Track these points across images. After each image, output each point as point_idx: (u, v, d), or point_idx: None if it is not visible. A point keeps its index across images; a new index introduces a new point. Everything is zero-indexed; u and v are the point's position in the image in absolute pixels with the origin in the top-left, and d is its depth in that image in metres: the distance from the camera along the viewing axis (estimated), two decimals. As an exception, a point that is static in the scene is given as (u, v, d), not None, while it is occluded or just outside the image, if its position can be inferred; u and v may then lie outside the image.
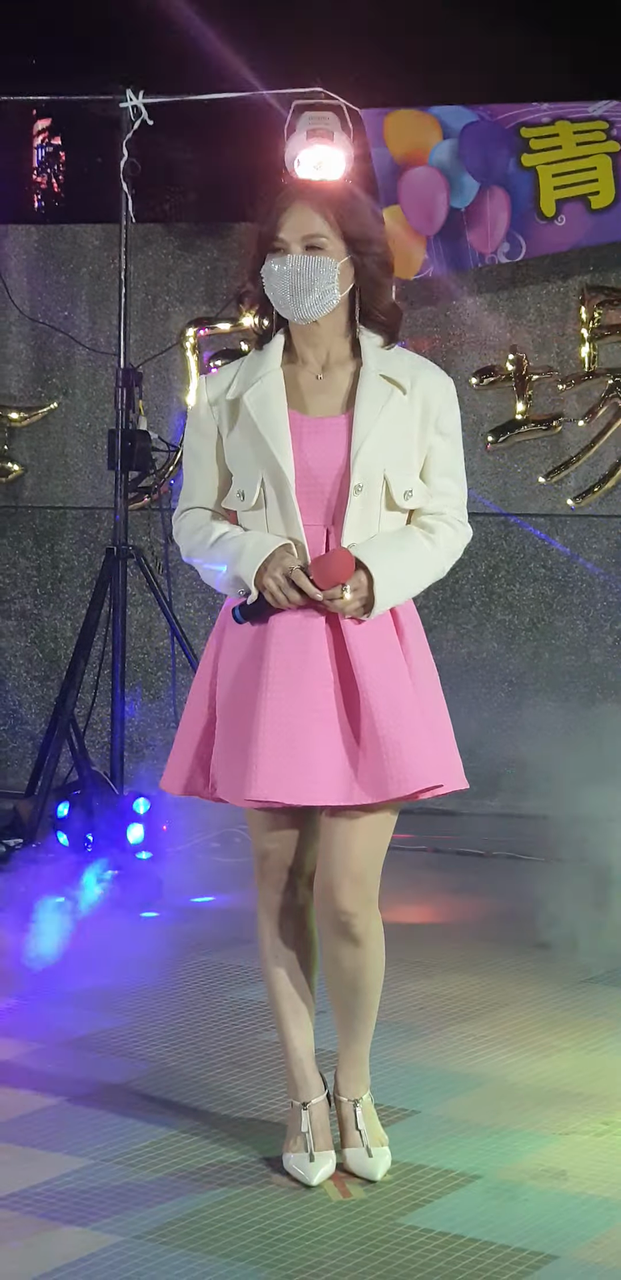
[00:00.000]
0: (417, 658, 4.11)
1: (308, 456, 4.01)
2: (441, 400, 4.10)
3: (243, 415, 4.06)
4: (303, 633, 4.00)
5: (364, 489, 4.00)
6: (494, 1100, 4.73)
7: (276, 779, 3.95)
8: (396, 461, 4.04)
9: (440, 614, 8.44)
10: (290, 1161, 4.20)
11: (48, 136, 14.46)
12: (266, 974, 4.24)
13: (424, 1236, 3.90)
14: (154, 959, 6.02)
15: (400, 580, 4.03)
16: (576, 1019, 5.40)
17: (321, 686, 3.99)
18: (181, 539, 4.19)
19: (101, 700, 7.72)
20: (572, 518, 8.45)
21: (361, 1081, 4.27)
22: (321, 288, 4.00)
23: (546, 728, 8.43)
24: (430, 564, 4.10)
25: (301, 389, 4.08)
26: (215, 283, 8.65)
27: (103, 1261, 3.77)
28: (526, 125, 7.85)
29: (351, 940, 4.10)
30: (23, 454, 8.85)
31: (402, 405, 4.04)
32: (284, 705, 3.96)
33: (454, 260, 7.95)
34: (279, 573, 3.97)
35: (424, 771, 4.00)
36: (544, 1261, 3.79)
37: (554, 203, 7.86)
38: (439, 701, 4.14)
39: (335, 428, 4.03)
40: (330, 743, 3.98)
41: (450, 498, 4.14)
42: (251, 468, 4.04)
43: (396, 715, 3.98)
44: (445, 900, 6.84)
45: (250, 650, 4.04)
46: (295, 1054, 4.22)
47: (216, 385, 4.13)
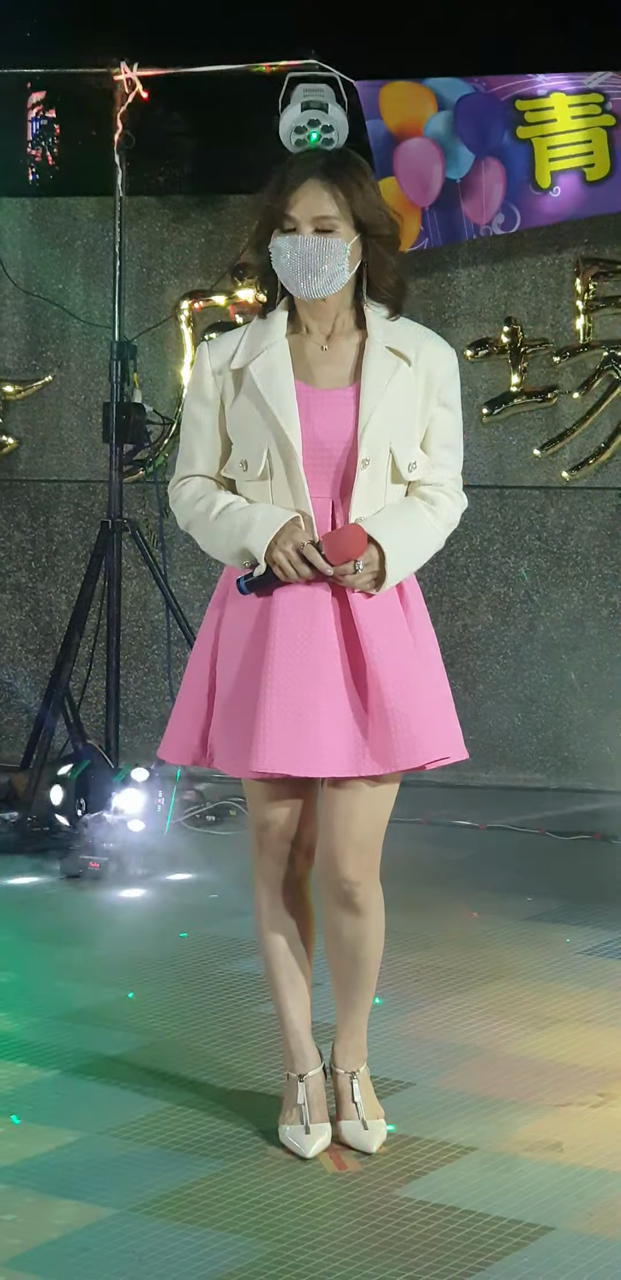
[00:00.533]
0: (421, 629, 4.13)
1: (315, 428, 4.02)
2: (444, 371, 4.12)
3: (248, 385, 4.05)
4: (309, 605, 4.01)
5: (371, 463, 4.01)
6: (489, 1072, 4.73)
7: (283, 751, 3.96)
8: (402, 434, 4.05)
9: (435, 586, 8.43)
10: (286, 1134, 4.21)
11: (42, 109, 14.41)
12: (263, 945, 4.24)
13: (419, 1208, 3.91)
14: (149, 932, 6.03)
15: (409, 554, 4.06)
16: (572, 991, 5.41)
17: (327, 658, 4.00)
18: (179, 507, 4.18)
19: (96, 673, 7.71)
20: (568, 490, 8.44)
21: (358, 1054, 4.28)
22: (331, 269, 4.00)
23: (541, 700, 8.44)
24: (433, 536, 4.14)
25: (307, 359, 4.08)
26: (210, 255, 8.63)
27: (99, 1233, 3.78)
28: (521, 98, 7.83)
29: (353, 910, 4.11)
30: (17, 427, 8.84)
31: (408, 377, 4.06)
32: (290, 677, 3.97)
33: (449, 232, 7.94)
34: (290, 547, 3.98)
35: (431, 743, 4.04)
36: (540, 1233, 3.79)
37: (549, 174, 7.85)
38: (440, 672, 4.17)
39: (342, 399, 4.04)
40: (336, 714, 3.99)
41: (448, 469, 4.16)
42: (257, 438, 4.03)
43: (404, 687, 4.00)
44: (440, 872, 6.84)
45: (255, 622, 4.04)
46: (291, 1025, 4.23)
47: (220, 354, 4.12)
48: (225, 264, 8.50)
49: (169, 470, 8.28)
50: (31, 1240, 3.74)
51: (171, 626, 7.75)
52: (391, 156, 7.89)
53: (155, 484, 8.17)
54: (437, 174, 7.88)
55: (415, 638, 4.10)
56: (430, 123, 7.88)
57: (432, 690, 4.10)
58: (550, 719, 8.48)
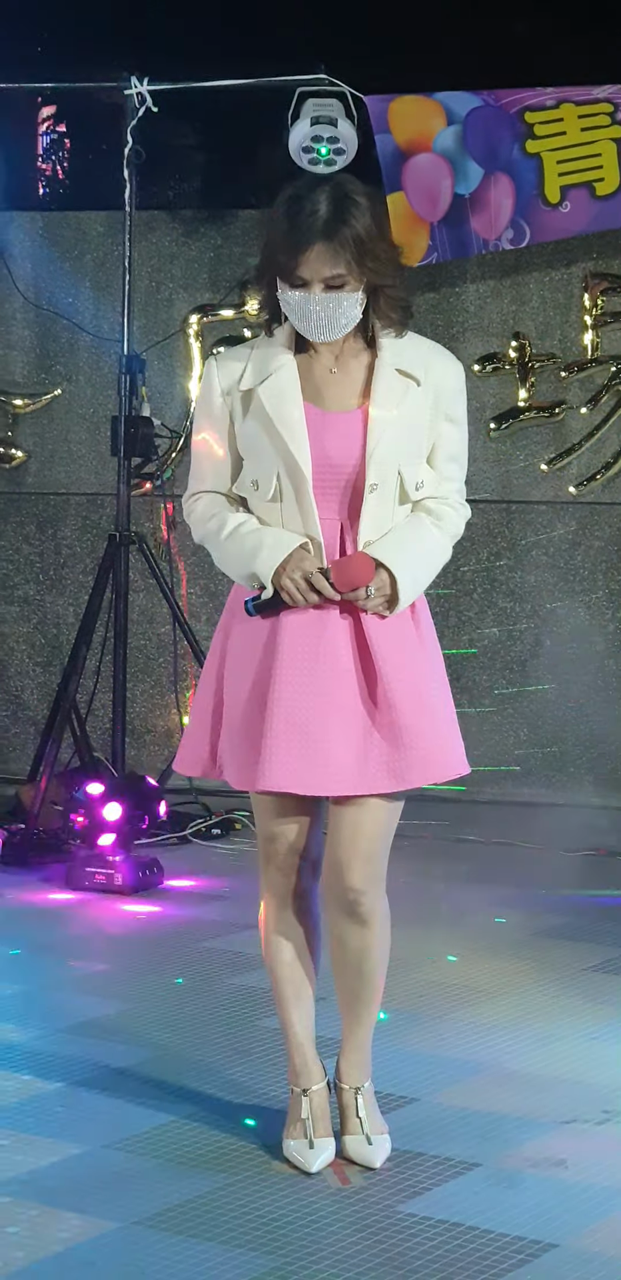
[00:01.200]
0: (430, 646, 4.16)
1: (324, 451, 4.03)
2: (452, 387, 4.14)
3: (256, 407, 4.06)
4: (317, 623, 4.03)
5: (379, 487, 4.03)
6: (493, 1088, 4.73)
7: (290, 769, 3.98)
8: (410, 456, 4.07)
9: (442, 601, 8.43)
10: (290, 1148, 4.21)
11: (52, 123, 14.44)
12: (268, 958, 4.25)
13: (423, 1224, 3.91)
14: (154, 944, 6.03)
15: (419, 575, 4.08)
16: (577, 1007, 5.41)
17: (335, 676, 4.02)
18: (193, 522, 4.21)
19: (103, 686, 7.72)
20: (575, 505, 8.44)
21: (363, 1069, 4.28)
22: (345, 320, 4.01)
23: (547, 715, 8.44)
24: (441, 552, 4.17)
25: (316, 381, 4.08)
26: (219, 269, 8.65)
27: (102, 1247, 3.78)
28: (531, 110, 7.84)
29: (358, 920, 4.13)
30: (26, 440, 8.85)
31: (417, 397, 4.07)
32: (297, 695, 3.99)
33: (458, 247, 7.95)
34: (298, 575, 4.00)
35: (444, 759, 4.08)
36: (543, 1250, 3.79)
37: (558, 189, 7.85)
38: (447, 687, 4.19)
39: (350, 422, 4.05)
40: (345, 732, 4.01)
41: (453, 482, 4.19)
42: (267, 460, 4.05)
43: (418, 704, 4.03)
44: (445, 888, 6.84)
45: (264, 638, 4.06)
46: (296, 1039, 4.23)
47: (228, 374, 4.11)
48: (234, 278, 8.51)
49: (177, 484, 8.32)
50: (35, 1254, 3.74)
51: (178, 640, 7.75)
52: (400, 171, 7.90)
53: (163, 498, 8.18)
54: (446, 189, 7.88)
55: (426, 653, 4.12)
56: (439, 138, 7.88)
57: (443, 707, 4.12)
58: (556, 734, 8.48)
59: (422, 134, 7.92)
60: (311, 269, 3.97)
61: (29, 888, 6.73)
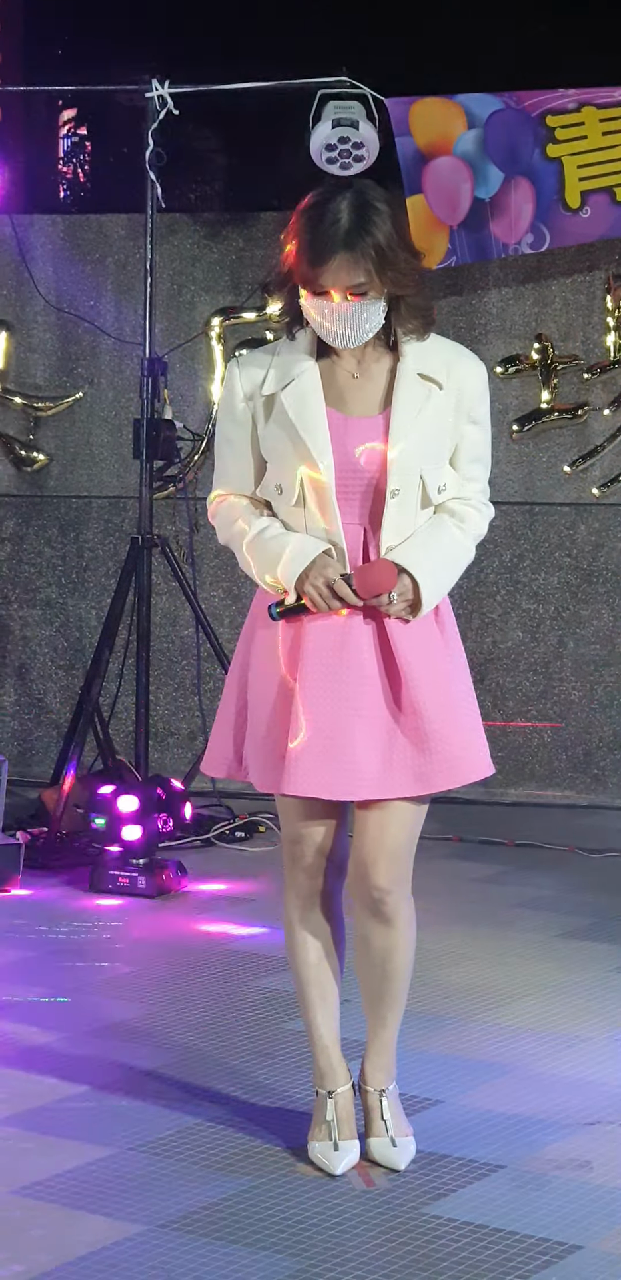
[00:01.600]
0: (455, 648, 4.16)
1: (347, 456, 4.02)
2: (475, 388, 4.12)
3: (278, 411, 4.05)
4: (342, 627, 4.03)
5: (400, 492, 4.02)
6: (518, 1090, 4.73)
7: (316, 774, 3.98)
8: (432, 460, 4.06)
9: (465, 603, 8.43)
10: (315, 1150, 4.21)
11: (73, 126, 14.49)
12: (293, 960, 4.25)
13: (448, 1226, 3.90)
14: (178, 947, 6.04)
15: (442, 578, 4.08)
16: (601, 1008, 5.40)
17: (360, 680, 4.01)
18: (217, 524, 4.21)
19: (126, 689, 7.73)
20: (598, 506, 8.43)
21: (388, 1072, 4.28)
22: (368, 327, 4.00)
23: (571, 716, 8.43)
24: (464, 554, 4.15)
25: (339, 385, 4.07)
26: (240, 272, 8.65)
27: (127, 1250, 3.78)
28: (552, 113, 7.83)
29: (383, 920, 4.13)
30: (48, 443, 8.87)
31: (439, 401, 4.06)
32: (323, 699, 3.99)
33: (477, 250, 7.94)
34: (321, 581, 3.99)
35: (471, 764, 4.08)
36: (568, 1251, 3.79)
37: (579, 194, 7.84)
38: (471, 688, 4.19)
39: (373, 427, 4.04)
40: (370, 736, 4.00)
41: (477, 483, 4.19)
42: (290, 464, 4.04)
43: (444, 708, 4.03)
44: (470, 889, 6.83)
45: (288, 643, 4.06)
46: (321, 1041, 4.23)
47: (250, 378, 4.10)
48: (256, 280, 8.51)
49: (199, 487, 8.32)
50: (59, 1256, 3.75)
51: (201, 642, 7.76)
52: (420, 174, 7.89)
53: (185, 500, 8.19)
54: (466, 193, 7.87)
55: (451, 655, 4.12)
56: (460, 141, 7.88)
57: (468, 709, 4.13)
58: (580, 735, 8.46)
59: (443, 137, 7.91)
60: (333, 278, 3.95)
61: (52, 891, 6.73)
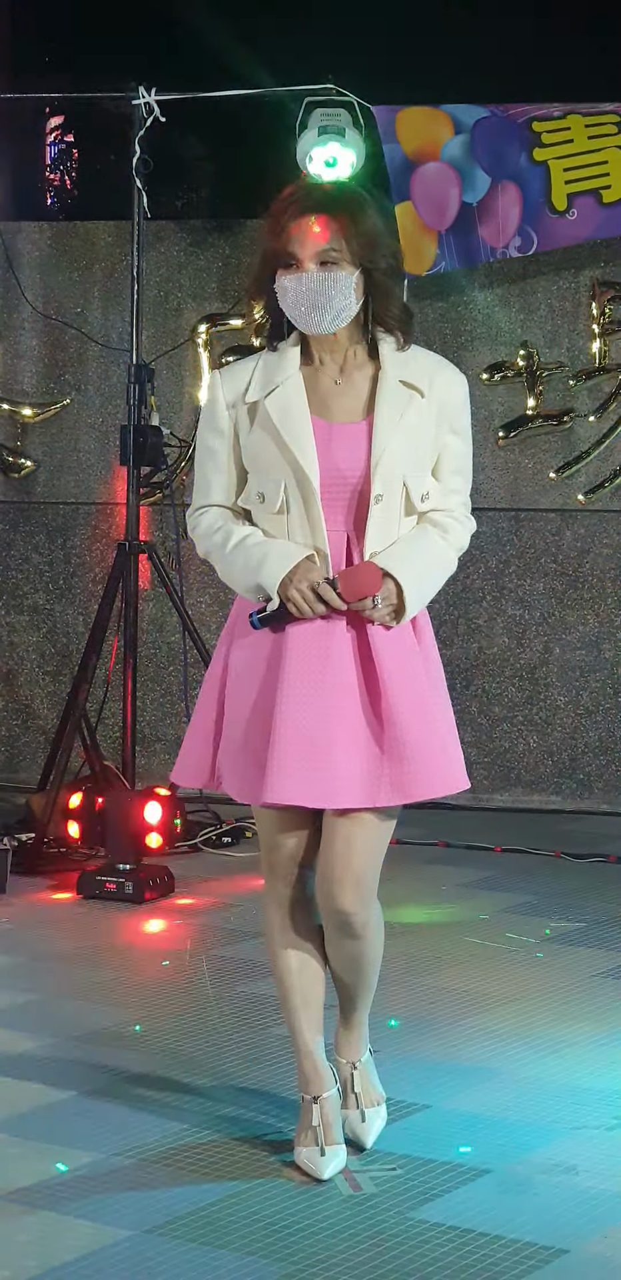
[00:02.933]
0: (432, 659, 4.17)
1: (331, 463, 4.03)
2: (456, 400, 4.15)
3: (262, 419, 4.05)
4: (323, 636, 4.03)
5: (384, 498, 4.03)
6: (504, 1095, 4.74)
7: (297, 782, 3.97)
8: (414, 467, 4.08)
9: (451, 609, 8.44)
10: (301, 1155, 4.22)
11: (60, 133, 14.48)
12: (275, 967, 4.26)
13: (434, 1231, 3.91)
14: (165, 953, 6.04)
15: (425, 587, 4.09)
16: (587, 1013, 5.41)
17: (341, 689, 4.02)
18: (198, 536, 4.19)
19: (113, 695, 7.73)
20: (583, 512, 8.45)
21: (360, 1044, 4.35)
22: (339, 303, 4.00)
23: (557, 722, 8.44)
24: (447, 564, 4.17)
25: (322, 393, 4.08)
26: (227, 279, 8.66)
27: (113, 1255, 3.79)
28: (538, 119, 7.85)
29: (351, 935, 4.15)
30: (35, 450, 8.87)
31: (421, 408, 4.07)
32: (304, 708, 3.99)
33: (466, 255, 7.96)
34: (304, 585, 3.99)
35: (445, 774, 4.08)
36: (554, 1256, 3.80)
37: (565, 196, 7.86)
38: (448, 700, 4.21)
39: (355, 434, 4.05)
40: (350, 745, 4.01)
41: (459, 494, 4.20)
42: (273, 472, 4.04)
43: (421, 718, 4.04)
44: (456, 895, 6.85)
45: (269, 651, 4.05)
46: (305, 1047, 4.24)
47: (233, 386, 4.11)
48: (243, 288, 8.50)
49: (186, 493, 8.32)
50: (46, 1262, 3.75)
51: (188, 649, 7.76)
52: (408, 181, 7.91)
53: (172, 506, 8.19)
54: (454, 198, 7.90)
55: (428, 669, 4.13)
56: (447, 147, 7.90)
57: (444, 720, 4.14)
58: (565, 741, 8.48)
59: (430, 143, 7.93)
60: (302, 245, 3.97)
61: (39, 896, 6.73)
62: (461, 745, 4.23)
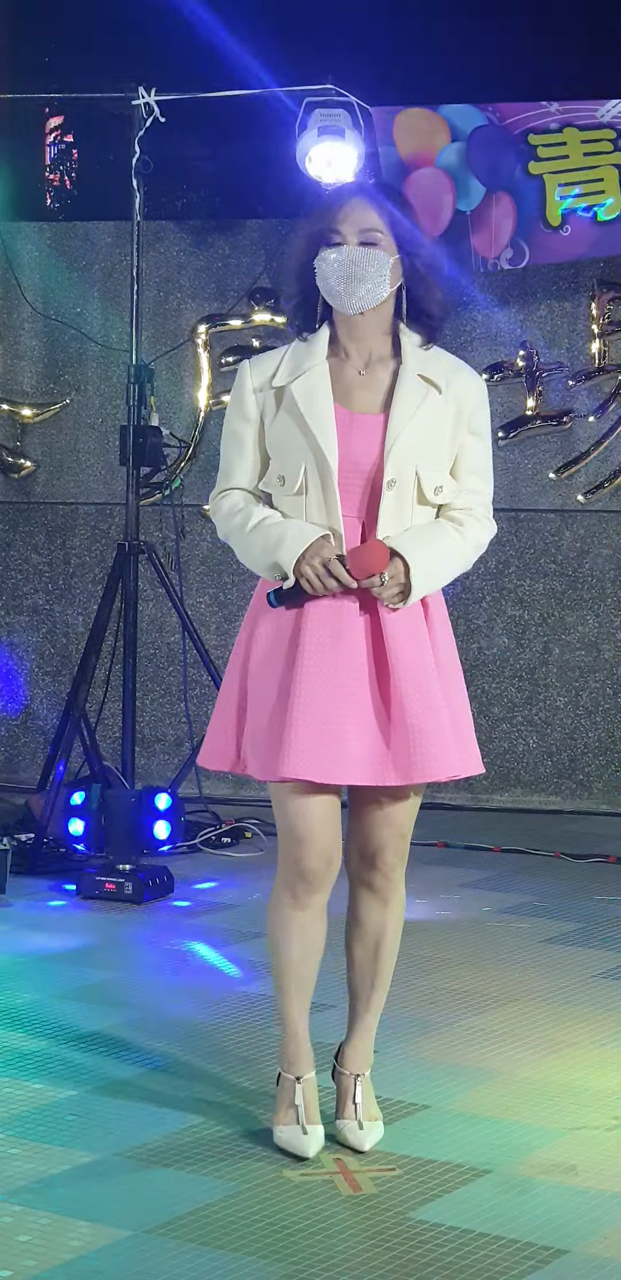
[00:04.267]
0: (443, 646, 4.26)
1: (350, 450, 4.16)
2: (475, 402, 4.28)
3: (288, 403, 4.18)
4: (337, 619, 4.14)
5: (397, 484, 4.15)
6: (504, 1095, 4.74)
7: (309, 758, 4.08)
8: (428, 458, 4.19)
9: (451, 609, 8.37)
10: (282, 1135, 4.29)
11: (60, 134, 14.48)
12: (275, 951, 4.31)
13: (434, 1231, 3.91)
14: (164, 953, 6.04)
15: (433, 571, 4.18)
16: (587, 1014, 5.41)
17: (354, 671, 4.13)
18: (219, 519, 4.32)
19: (113, 695, 7.73)
20: (583, 513, 8.45)
21: (366, 1057, 4.39)
22: (374, 279, 4.16)
23: (556, 723, 8.44)
24: (459, 556, 4.26)
25: (346, 384, 4.21)
26: (226, 279, 8.67)
27: (113, 1255, 3.79)
28: (535, 132, 7.85)
29: (382, 900, 4.29)
30: (35, 450, 8.87)
31: (438, 404, 4.20)
32: (318, 689, 4.10)
33: (456, 264, 7.95)
34: (317, 561, 4.10)
35: (447, 760, 4.17)
36: (553, 1256, 3.80)
37: (559, 212, 7.86)
38: (460, 688, 4.30)
39: (374, 424, 4.18)
40: (361, 726, 4.12)
41: (478, 495, 4.31)
42: (295, 455, 4.17)
43: (425, 705, 4.13)
44: (455, 895, 6.85)
45: (286, 634, 4.17)
46: (293, 1029, 4.31)
47: (261, 372, 4.25)
48: (242, 288, 8.53)
49: (186, 493, 8.33)
50: (46, 1262, 3.75)
51: (187, 649, 7.76)
52: (401, 184, 7.90)
53: (172, 507, 8.19)
54: (448, 205, 7.89)
55: (437, 655, 4.22)
56: (443, 153, 7.89)
57: (451, 706, 4.21)
58: (565, 742, 8.48)
59: (426, 148, 7.93)
60: (349, 222, 4.16)
61: (39, 896, 6.74)
62: None
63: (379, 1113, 4.40)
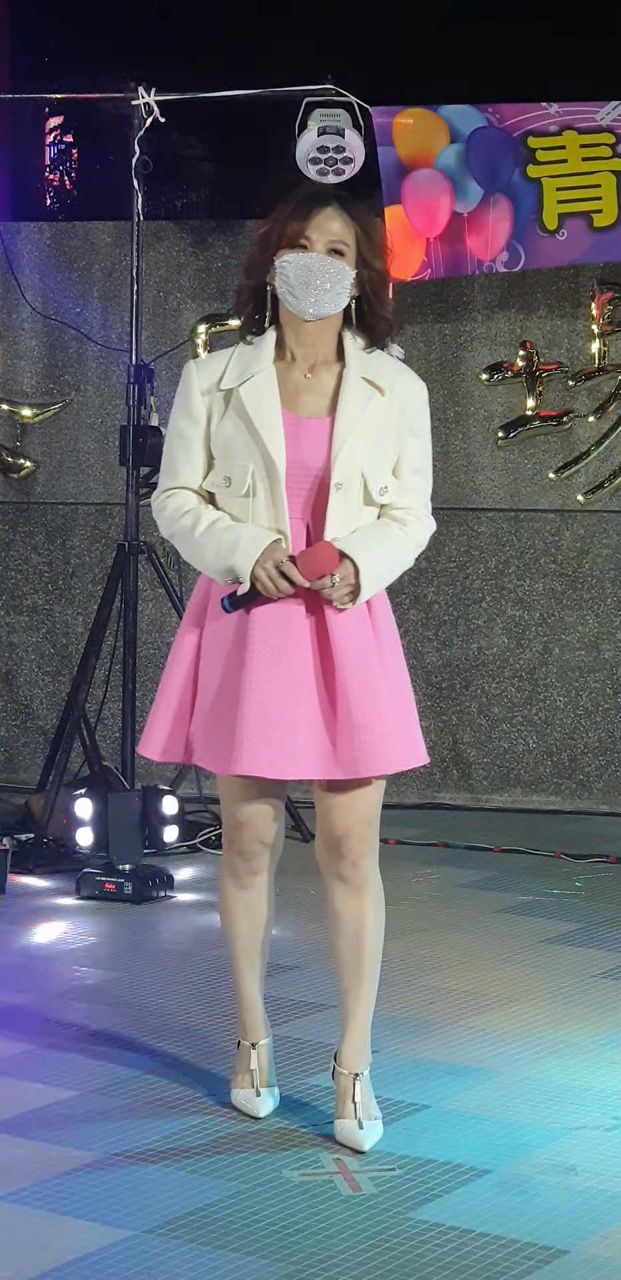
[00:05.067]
0: (388, 645, 4.38)
1: (296, 453, 4.27)
2: (416, 404, 4.39)
3: (235, 406, 4.28)
4: (285, 619, 4.27)
5: (344, 486, 4.27)
6: (504, 1094, 4.74)
7: (260, 755, 4.22)
8: (374, 460, 4.31)
9: (450, 609, 8.45)
10: (238, 1097, 4.55)
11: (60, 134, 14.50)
12: (226, 930, 4.54)
13: (434, 1231, 3.92)
14: (164, 953, 6.04)
15: (380, 571, 4.30)
16: (587, 1013, 5.42)
17: (302, 669, 4.26)
18: (164, 519, 4.42)
19: (112, 695, 7.74)
20: (583, 513, 8.45)
21: (362, 1055, 4.42)
22: (335, 289, 4.27)
23: (556, 723, 8.44)
24: (404, 554, 4.39)
25: (292, 387, 4.32)
26: (226, 279, 8.66)
27: (112, 1255, 3.79)
28: (534, 134, 7.84)
29: (355, 890, 4.37)
30: (35, 450, 8.87)
31: (382, 407, 4.32)
32: (267, 686, 4.23)
33: (452, 265, 7.94)
34: (270, 564, 4.21)
35: (389, 755, 4.29)
36: (553, 1256, 3.80)
37: (556, 216, 7.85)
38: (403, 681, 4.41)
39: (321, 427, 4.29)
40: (309, 721, 4.26)
41: (419, 494, 4.43)
42: (242, 458, 4.27)
43: (369, 701, 4.26)
44: (455, 895, 6.85)
45: (235, 634, 4.29)
46: (248, 999, 4.56)
47: (208, 374, 4.35)
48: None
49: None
50: (46, 1262, 3.75)
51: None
52: (400, 185, 7.90)
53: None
54: (445, 206, 7.88)
55: (382, 653, 4.33)
56: (441, 155, 7.88)
57: (394, 702, 4.33)
58: (565, 742, 8.48)
59: (425, 149, 7.92)
60: (318, 229, 4.25)
61: (39, 896, 6.74)
62: (461, 746, 4.38)
63: (378, 1112, 4.42)
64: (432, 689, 8.40)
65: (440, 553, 8.44)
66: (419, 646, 8.43)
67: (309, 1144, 4.38)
